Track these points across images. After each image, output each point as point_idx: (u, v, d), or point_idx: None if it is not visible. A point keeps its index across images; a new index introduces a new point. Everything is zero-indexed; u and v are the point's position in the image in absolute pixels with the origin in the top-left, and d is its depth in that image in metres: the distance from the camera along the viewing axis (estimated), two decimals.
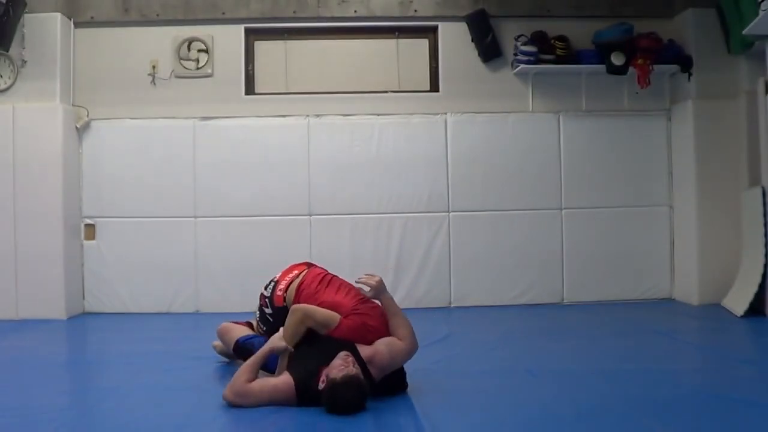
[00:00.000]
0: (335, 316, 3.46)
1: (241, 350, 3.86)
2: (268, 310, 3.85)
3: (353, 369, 3.15)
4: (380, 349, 3.37)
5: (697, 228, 6.29)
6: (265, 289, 3.93)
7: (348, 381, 3.10)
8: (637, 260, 6.58)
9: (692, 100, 6.33)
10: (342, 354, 3.24)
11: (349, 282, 3.81)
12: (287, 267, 4.00)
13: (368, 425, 3.05)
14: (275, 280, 3.92)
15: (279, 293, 3.80)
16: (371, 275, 3.59)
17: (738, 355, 4.52)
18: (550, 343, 4.88)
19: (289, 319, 3.48)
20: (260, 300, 3.94)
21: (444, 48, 6.60)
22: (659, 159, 6.64)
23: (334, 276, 3.88)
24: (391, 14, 6.55)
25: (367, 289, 3.56)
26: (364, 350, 3.33)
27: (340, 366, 3.15)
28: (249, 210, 6.42)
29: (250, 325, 4.15)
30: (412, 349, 3.48)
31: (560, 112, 6.60)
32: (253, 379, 3.34)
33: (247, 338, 3.91)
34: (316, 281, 3.77)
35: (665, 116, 6.66)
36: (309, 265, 4.01)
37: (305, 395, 3.20)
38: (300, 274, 3.86)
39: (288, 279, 3.86)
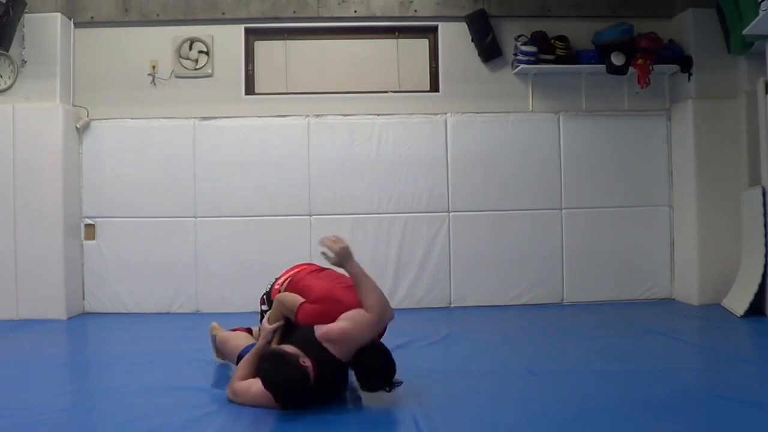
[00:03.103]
0: (297, 300, 3.46)
1: None
2: (264, 308, 3.84)
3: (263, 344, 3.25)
4: (338, 323, 3.20)
5: (697, 228, 6.29)
6: (267, 286, 3.93)
7: (262, 359, 3.15)
8: (637, 260, 6.58)
9: (692, 100, 6.34)
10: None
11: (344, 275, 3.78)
12: (290, 266, 4.01)
13: (367, 425, 3.05)
14: (276, 277, 3.93)
15: (276, 287, 3.81)
16: (337, 239, 3.36)
17: (738, 355, 4.52)
18: (550, 343, 4.88)
19: (272, 307, 3.62)
20: (260, 302, 3.93)
21: (444, 48, 6.60)
22: (659, 159, 6.64)
23: (327, 269, 3.83)
24: (391, 14, 6.55)
25: (330, 255, 3.34)
26: (319, 329, 3.21)
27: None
28: (249, 210, 6.42)
29: (249, 331, 4.13)
30: (379, 318, 3.23)
31: (560, 112, 6.60)
32: (248, 377, 3.35)
33: (250, 348, 3.85)
34: (305, 272, 3.79)
35: (665, 116, 6.66)
36: (309, 264, 4.01)
37: (283, 399, 3.16)
38: (298, 271, 3.87)
39: (287, 275, 3.87)
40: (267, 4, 6.47)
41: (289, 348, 3.17)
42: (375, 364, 3.25)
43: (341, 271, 3.48)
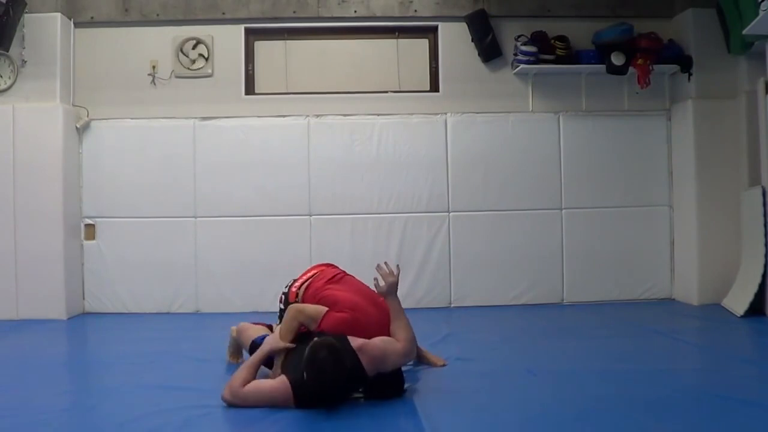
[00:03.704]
0: (322, 308, 3.52)
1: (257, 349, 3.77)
2: (281, 306, 3.91)
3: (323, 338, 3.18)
4: (373, 341, 3.34)
5: (697, 228, 6.29)
6: (285, 287, 4.00)
7: (319, 346, 3.09)
8: (637, 260, 6.58)
9: (692, 100, 6.33)
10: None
11: (364, 283, 3.84)
12: (309, 267, 4.07)
13: (368, 425, 3.05)
14: (295, 278, 3.99)
15: (294, 289, 3.88)
16: (392, 273, 3.55)
17: (738, 355, 4.52)
18: (550, 343, 4.88)
19: (284, 318, 3.59)
20: (279, 300, 4.00)
21: (444, 48, 6.60)
22: (659, 159, 6.64)
23: (347, 275, 3.95)
24: (391, 14, 6.55)
25: (381, 283, 3.53)
26: (355, 340, 3.29)
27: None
28: (249, 210, 6.41)
29: (270, 328, 4.14)
30: (408, 352, 3.44)
31: (560, 112, 6.60)
32: (250, 380, 3.33)
33: (264, 338, 3.87)
34: (325, 278, 3.86)
35: (665, 116, 6.66)
36: (329, 265, 4.07)
37: (303, 395, 3.18)
38: (316, 273, 3.92)
39: (305, 277, 3.95)
40: (267, 4, 6.47)
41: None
42: (386, 382, 3.37)
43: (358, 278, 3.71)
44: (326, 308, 3.53)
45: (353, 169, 6.46)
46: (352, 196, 6.45)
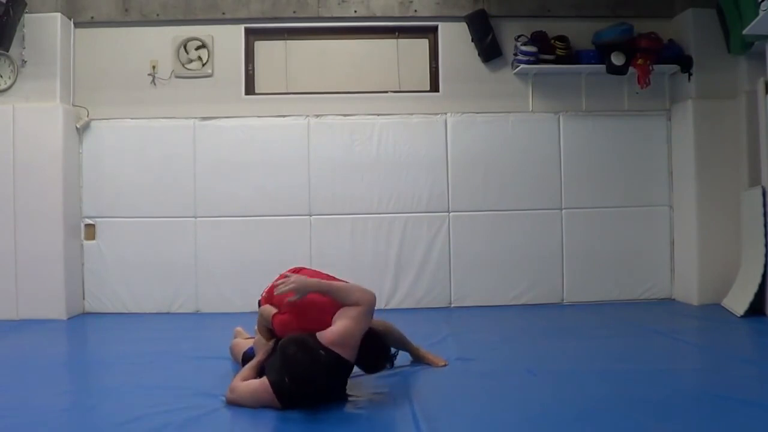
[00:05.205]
0: (273, 310, 3.55)
1: (249, 360, 3.83)
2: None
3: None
4: (338, 325, 3.26)
5: (697, 228, 6.29)
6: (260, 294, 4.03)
7: (287, 342, 3.12)
8: (637, 260, 6.58)
9: (692, 100, 6.34)
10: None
11: (323, 273, 3.81)
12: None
13: (366, 426, 3.05)
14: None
15: (264, 294, 3.88)
16: (285, 281, 3.37)
17: (738, 355, 4.52)
18: (550, 343, 4.88)
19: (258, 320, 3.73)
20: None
21: (444, 48, 6.60)
22: (659, 159, 6.64)
23: (305, 269, 3.92)
24: (391, 14, 6.55)
25: (290, 296, 3.34)
26: (323, 337, 3.22)
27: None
28: (249, 210, 6.42)
29: None
30: (370, 307, 3.33)
31: (560, 112, 6.60)
32: (250, 379, 3.41)
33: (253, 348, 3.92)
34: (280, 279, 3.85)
35: (665, 116, 6.66)
36: (299, 269, 4.05)
37: (284, 396, 3.18)
38: (280, 277, 3.93)
39: (272, 283, 3.92)
40: (267, 4, 6.47)
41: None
42: (370, 349, 3.38)
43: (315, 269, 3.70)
44: (274, 311, 3.53)
45: (353, 169, 6.46)
46: (352, 196, 6.45)
